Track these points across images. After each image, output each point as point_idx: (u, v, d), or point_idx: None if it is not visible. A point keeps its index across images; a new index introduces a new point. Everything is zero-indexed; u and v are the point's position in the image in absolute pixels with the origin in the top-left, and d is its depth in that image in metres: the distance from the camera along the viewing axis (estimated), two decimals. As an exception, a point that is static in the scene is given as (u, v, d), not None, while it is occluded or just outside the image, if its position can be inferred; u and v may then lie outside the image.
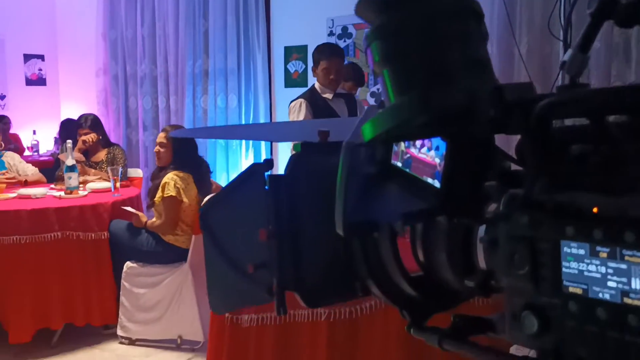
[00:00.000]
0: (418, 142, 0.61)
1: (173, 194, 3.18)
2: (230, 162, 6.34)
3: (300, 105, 3.40)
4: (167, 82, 6.79)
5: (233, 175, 6.28)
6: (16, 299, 3.20)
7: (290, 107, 3.47)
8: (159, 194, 3.23)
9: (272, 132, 1.37)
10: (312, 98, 3.46)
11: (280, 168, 0.68)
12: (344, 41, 5.58)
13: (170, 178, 3.23)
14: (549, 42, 4.25)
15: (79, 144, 4.18)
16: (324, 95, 3.43)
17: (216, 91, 6.32)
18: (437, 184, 0.59)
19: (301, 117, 3.37)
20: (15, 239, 3.14)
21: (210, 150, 6.46)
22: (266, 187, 0.63)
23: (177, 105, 6.72)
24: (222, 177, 6.38)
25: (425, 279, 0.63)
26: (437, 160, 0.59)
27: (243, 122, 6.24)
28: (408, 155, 0.62)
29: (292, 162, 0.64)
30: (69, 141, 3.79)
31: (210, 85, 6.37)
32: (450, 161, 0.58)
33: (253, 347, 2.04)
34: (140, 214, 3.33)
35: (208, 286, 0.81)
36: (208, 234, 0.72)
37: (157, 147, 3.31)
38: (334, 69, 3.38)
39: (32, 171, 4.18)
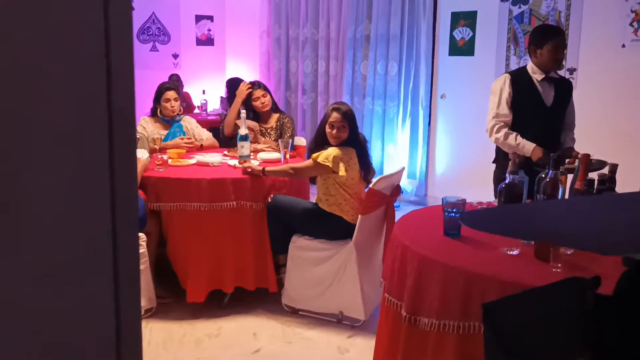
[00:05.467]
0: None
1: (330, 164, 3.22)
2: (386, 132, 6.27)
3: (505, 81, 3.28)
4: (327, 47, 6.81)
5: (390, 146, 6.22)
6: (194, 262, 3.44)
7: (493, 85, 3.36)
8: (317, 155, 3.27)
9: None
10: (517, 75, 3.34)
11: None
12: (519, 7, 5.18)
13: (334, 149, 3.26)
14: None
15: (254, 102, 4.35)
16: (534, 76, 3.26)
17: (376, 57, 6.23)
18: None
19: (505, 93, 3.26)
20: (196, 205, 3.35)
21: (367, 119, 6.43)
22: (588, 306, 0.54)
23: (337, 70, 6.74)
24: (377, 146, 6.35)
25: None
26: None
27: (402, 90, 6.10)
28: None
29: (625, 281, 0.54)
30: (244, 111, 3.93)
31: (370, 51, 6.29)
32: None
33: (431, 351, 1.99)
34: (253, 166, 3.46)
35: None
36: (492, 329, 0.66)
37: (336, 131, 3.30)
38: (561, 48, 3.20)
39: (206, 136, 4.41)
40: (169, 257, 3.53)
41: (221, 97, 7.61)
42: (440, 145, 6.02)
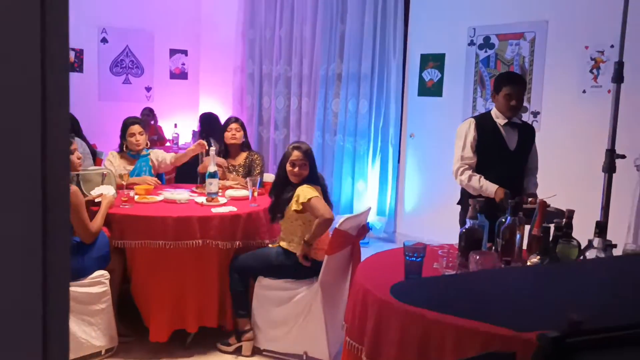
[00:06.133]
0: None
1: (317, 194, 3.24)
2: (357, 168, 6.34)
3: (470, 125, 3.36)
4: (300, 84, 6.90)
5: (360, 182, 6.27)
6: (158, 300, 3.40)
7: (458, 129, 3.43)
8: (294, 205, 3.27)
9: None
10: (482, 119, 3.42)
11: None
12: (485, 51, 5.35)
13: (306, 187, 3.28)
14: None
15: (227, 137, 4.36)
16: (497, 120, 3.35)
17: (348, 95, 6.33)
18: None
19: (469, 137, 3.33)
20: (161, 243, 3.33)
21: (338, 156, 6.49)
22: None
23: (309, 106, 6.82)
24: (347, 183, 6.40)
25: None
26: None
27: (372, 128, 6.20)
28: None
29: (537, 359, 0.56)
30: (213, 148, 3.95)
31: (342, 90, 6.39)
32: None
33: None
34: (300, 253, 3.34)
35: None
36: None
37: (297, 169, 3.34)
38: (515, 95, 3.27)
39: (170, 157, 4.37)
40: (132, 295, 3.49)
41: (193, 131, 7.62)
42: (409, 183, 6.10)
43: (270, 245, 3.51)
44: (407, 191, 6.12)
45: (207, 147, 4.10)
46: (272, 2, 7.13)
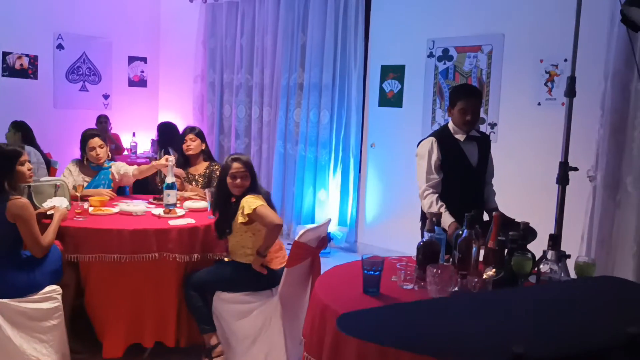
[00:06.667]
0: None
1: (262, 202, 3.21)
2: (318, 178, 6.34)
3: (432, 145, 3.28)
4: (261, 93, 6.88)
5: (321, 192, 6.27)
6: (113, 314, 3.31)
7: (419, 147, 3.36)
8: (240, 217, 3.23)
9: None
10: (442, 137, 3.35)
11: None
12: (444, 63, 5.43)
13: (249, 197, 3.25)
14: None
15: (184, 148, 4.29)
16: (456, 136, 3.31)
17: (309, 105, 6.33)
18: None
19: (434, 157, 3.27)
20: (116, 257, 3.25)
21: (299, 165, 6.49)
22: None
23: (270, 116, 6.80)
24: (309, 193, 6.40)
25: None
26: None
27: (334, 138, 6.21)
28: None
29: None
30: (172, 159, 3.88)
31: (304, 99, 6.40)
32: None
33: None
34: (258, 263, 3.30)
35: None
36: None
37: (239, 180, 3.30)
38: (470, 109, 3.25)
39: (132, 169, 4.28)
40: (86, 309, 3.39)
41: (152, 139, 7.50)
42: (370, 193, 6.13)
43: (225, 259, 3.46)
44: (368, 201, 6.14)
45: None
46: (233, 11, 7.10)
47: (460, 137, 3.32)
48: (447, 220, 3.10)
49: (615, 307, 0.91)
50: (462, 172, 3.33)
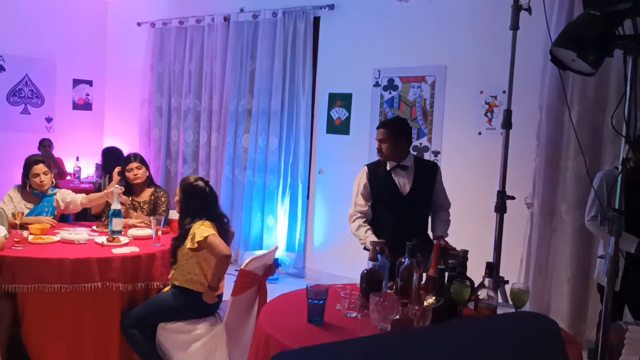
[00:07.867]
0: None
1: (213, 232, 3.20)
2: (267, 204, 6.35)
3: (363, 173, 3.54)
4: (209, 118, 6.87)
5: (270, 218, 6.27)
6: (52, 346, 3.21)
7: (356, 177, 3.58)
8: (189, 243, 3.21)
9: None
10: (375, 165, 3.57)
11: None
12: (390, 93, 5.57)
13: (201, 224, 3.24)
14: (601, 113, 4.18)
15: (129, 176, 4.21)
16: (388, 165, 3.50)
17: (258, 131, 6.36)
18: None
19: (361, 186, 3.52)
20: (56, 287, 3.16)
21: (248, 191, 6.49)
22: None
23: (219, 141, 6.79)
24: (257, 218, 6.39)
25: None
26: None
27: (282, 164, 6.25)
28: None
29: None
30: (117, 186, 3.82)
31: (252, 125, 6.42)
32: None
33: None
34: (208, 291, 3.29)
35: None
36: None
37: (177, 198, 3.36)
38: (379, 139, 3.44)
39: (80, 197, 4.17)
40: (23, 341, 3.27)
41: (96, 164, 7.35)
42: (318, 219, 6.17)
43: (164, 290, 3.42)
44: (316, 227, 6.19)
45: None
46: (182, 36, 7.09)
47: (389, 166, 3.48)
48: (370, 239, 3.25)
49: (532, 346, 0.96)
50: (392, 201, 3.46)
